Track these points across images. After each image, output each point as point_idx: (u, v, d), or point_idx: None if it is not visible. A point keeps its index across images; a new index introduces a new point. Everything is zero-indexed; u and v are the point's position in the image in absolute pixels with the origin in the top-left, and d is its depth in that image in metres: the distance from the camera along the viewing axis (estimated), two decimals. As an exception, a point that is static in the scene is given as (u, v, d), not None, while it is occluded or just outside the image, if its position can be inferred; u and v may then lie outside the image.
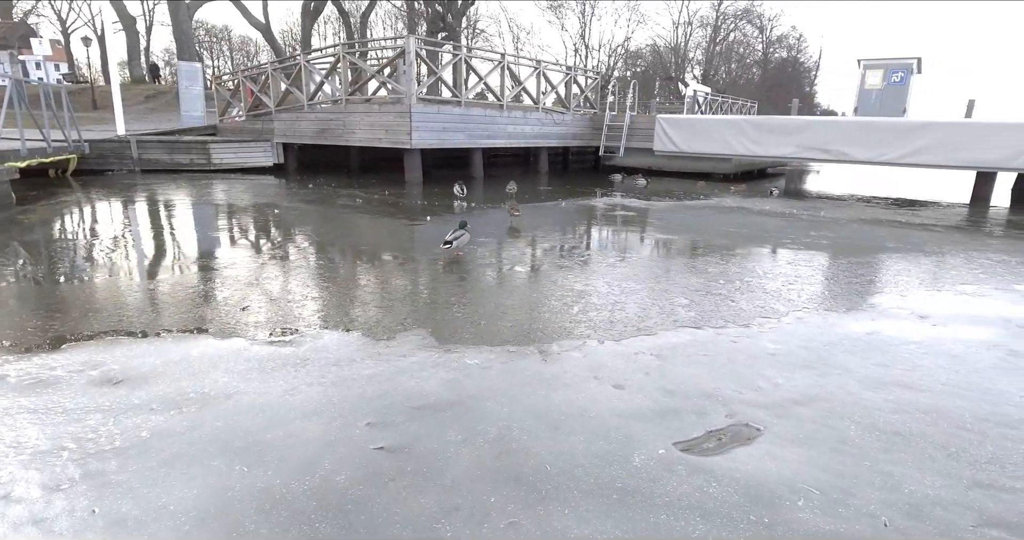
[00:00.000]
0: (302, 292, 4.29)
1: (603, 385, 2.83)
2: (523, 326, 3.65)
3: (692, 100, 23.24)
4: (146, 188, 10.21)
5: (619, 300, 4.26)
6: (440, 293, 4.36)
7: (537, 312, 3.93)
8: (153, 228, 6.83)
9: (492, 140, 13.18)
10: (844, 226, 8.03)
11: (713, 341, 3.49)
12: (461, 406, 2.58)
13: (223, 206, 8.54)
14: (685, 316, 3.93)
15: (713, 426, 2.47)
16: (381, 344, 3.29)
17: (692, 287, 4.66)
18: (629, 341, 3.44)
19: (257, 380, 2.79)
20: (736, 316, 3.97)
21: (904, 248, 6.49)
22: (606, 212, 8.80)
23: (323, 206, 8.71)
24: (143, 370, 2.88)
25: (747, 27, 53.26)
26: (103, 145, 13.01)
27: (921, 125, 11.89)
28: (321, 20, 43.71)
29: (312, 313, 3.81)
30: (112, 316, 3.67)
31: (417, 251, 5.83)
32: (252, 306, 3.92)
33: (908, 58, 14.55)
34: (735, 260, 5.69)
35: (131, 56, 29.26)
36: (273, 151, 14.25)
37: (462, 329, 3.57)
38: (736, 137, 13.72)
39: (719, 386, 2.86)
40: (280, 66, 14.23)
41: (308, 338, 3.35)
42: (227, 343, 3.25)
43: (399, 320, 3.71)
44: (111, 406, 2.51)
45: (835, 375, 3.03)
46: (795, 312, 4.11)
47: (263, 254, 5.54)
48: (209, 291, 4.26)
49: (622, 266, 5.32)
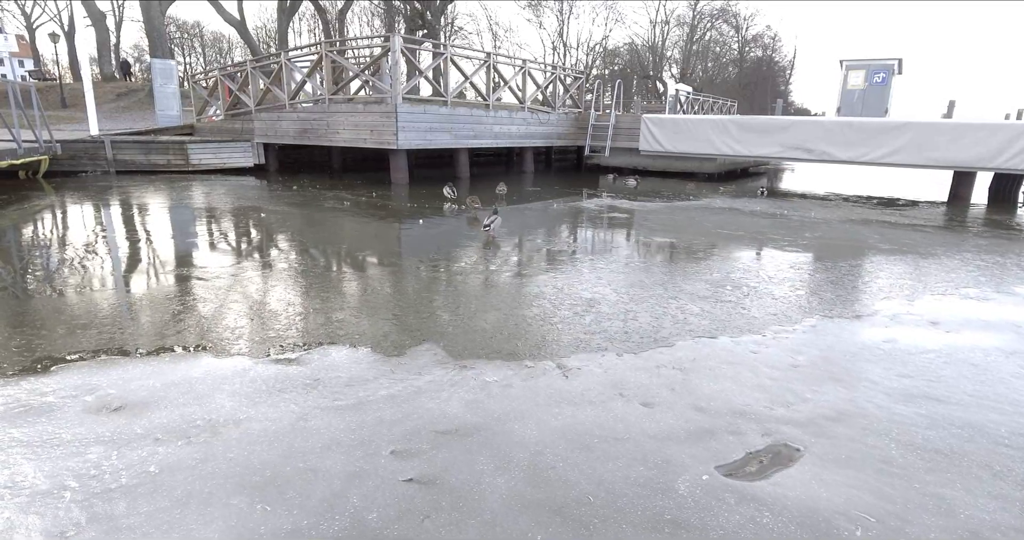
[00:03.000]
0: (301, 303, 4.12)
1: (630, 403, 2.72)
2: (537, 338, 3.53)
3: (674, 99, 23.33)
4: (122, 191, 9.87)
5: (630, 308, 4.16)
6: (445, 302, 4.22)
7: (549, 323, 3.81)
8: (134, 234, 6.56)
9: (478, 140, 13.03)
10: (836, 227, 8.05)
11: (732, 352, 3.41)
12: (487, 430, 2.45)
13: (205, 210, 8.28)
14: (699, 325, 3.85)
15: (752, 447, 2.38)
16: (393, 361, 3.14)
17: (700, 294, 4.58)
18: (648, 353, 3.34)
19: (266, 404, 2.62)
20: (750, 324, 3.90)
21: (900, 250, 6.51)
22: (600, 214, 8.72)
23: (310, 209, 8.49)
24: (142, 394, 2.70)
25: (723, 26, 53.77)
26: (76, 145, 12.58)
27: (902, 125, 12.03)
28: (297, 17, 43.03)
29: (316, 327, 3.64)
30: (102, 333, 3.46)
31: (414, 256, 5.68)
32: (250, 320, 3.74)
33: (889, 59, 14.74)
34: (738, 264, 5.64)
35: (101, 53, 28.45)
36: (254, 151, 13.91)
37: (474, 342, 3.44)
38: (720, 136, 13.76)
39: (749, 402, 2.77)
40: (259, 64, 13.90)
41: (315, 355, 3.19)
42: (229, 362, 3.08)
43: (407, 333, 3.56)
44: (112, 437, 2.33)
45: (863, 388, 2.97)
46: (807, 319, 4.05)
47: (254, 262, 5.34)
48: (202, 304, 4.07)
49: (626, 272, 5.23)
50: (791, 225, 8.08)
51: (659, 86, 48.45)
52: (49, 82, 27.56)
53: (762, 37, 56.11)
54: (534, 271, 5.21)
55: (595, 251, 6.17)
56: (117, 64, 29.13)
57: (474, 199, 8.68)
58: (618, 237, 7.11)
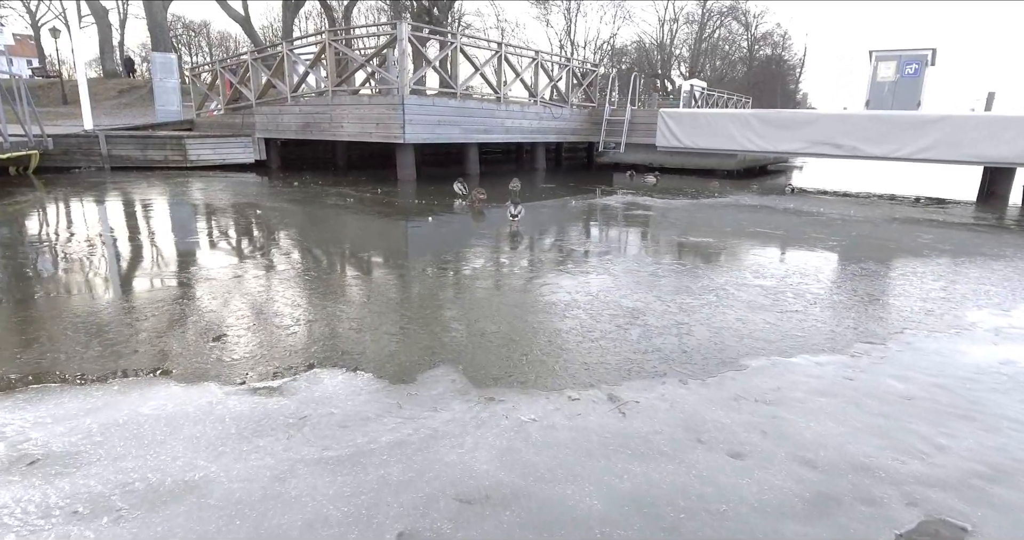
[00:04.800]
0: (291, 314, 3.47)
1: (714, 453, 2.06)
2: (577, 359, 2.87)
3: (688, 95, 22.63)
4: (114, 187, 9.27)
5: (681, 320, 3.49)
6: (461, 313, 3.56)
7: (589, 338, 3.15)
8: (115, 234, 5.93)
9: (489, 135, 12.36)
10: (882, 226, 7.35)
11: (821, 378, 2.74)
12: (529, 497, 1.80)
13: (198, 207, 7.66)
14: (769, 341, 3.19)
15: (901, 526, 1.72)
16: (400, 391, 2.49)
17: (758, 302, 3.91)
18: (717, 380, 2.68)
19: (233, 455, 1.98)
20: (830, 341, 3.23)
21: (963, 251, 5.82)
22: (624, 212, 8.05)
23: (311, 206, 7.86)
24: (73, 439, 2.06)
25: (733, 24, 52.89)
26: (68, 141, 12.01)
27: (938, 119, 11.27)
28: (302, 15, 42.53)
29: (306, 344, 2.99)
30: (43, 352, 2.82)
31: (423, 257, 5.03)
32: (228, 335, 3.10)
33: (922, 49, 13.98)
34: (791, 267, 4.97)
35: (103, 50, 27.91)
36: (254, 147, 13.30)
37: (500, 364, 2.78)
38: (742, 131, 13.03)
39: (869, 452, 2.11)
40: (260, 55, 13.29)
41: (303, 382, 2.54)
42: (195, 393, 2.43)
43: (418, 352, 2.91)
44: (15, 509, 1.69)
45: (1007, 430, 2.30)
46: (895, 335, 3.38)
47: (242, 265, 4.70)
48: (174, 315, 3.43)
49: (666, 276, 4.56)
50: (833, 224, 7.39)
51: (667, 85, 47.71)
52: (52, 79, 27.07)
53: (771, 35, 55.16)
54: (561, 275, 4.54)
55: (626, 252, 5.51)
56: (120, 61, 28.59)
57: (479, 191, 8.16)
58: (648, 237, 6.43)
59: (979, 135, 10.78)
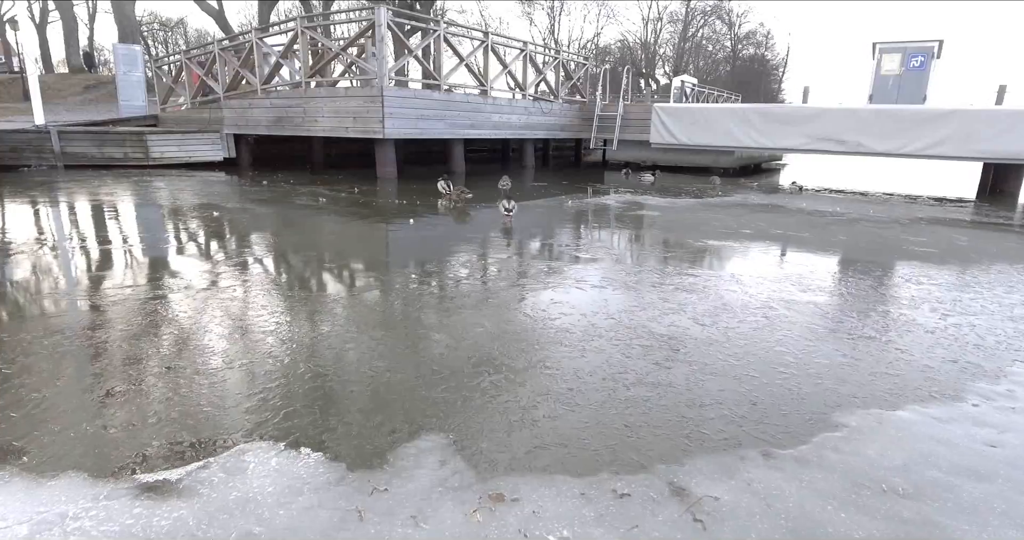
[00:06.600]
0: (224, 352, 2.63)
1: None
2: (615, 424, 2.07)
3: (679, 92, 21.95)
4: (61, 187, 8.31)
5: (731, 352, 2.72)
6: (450, 349, 2.75)
7: (623, 385, 2.35)
8: (35, 241, 5.03)
9: (476, 130, 11.53)
10: (910, 228, 6.66)
11: (953, 444, 1.97)
12: None
13: (150, 208, 6.75)
14: (855, 383, 2.41)
15: None
16: (364, 482, 1.67)
17: (816, 326, 3.15)
18: (814, 451, 1.90)
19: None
20: (931, 382, 2.47)
21: (1020, 257, 5.14)
22: (626, 213, 7.28)
23: (278, 206, 6.99)
24: None
25: (716, 23, 52.54)
26: (16, 136, 11.02)
27: (947, 113, 10.65)
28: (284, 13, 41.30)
29: (234, 404, 2.16)
30: None
31: (402, 269, 4.21)
32: (125, 388, 2.26)
33: (928, 41, 13.39)
34: (833, 278, 4.23)
35: (68, 44, 26.61)
36: (223, 143, 12.33)
37: (508, 434, 1.98)
38: (741, 127, 12.33)
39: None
40: (230, 44, 12.35)
41: (216, 471, 1.71)
42: (46, 494, 1.59)
43: (391, 415, 2.09)
44: None
45: None
46: (1008, 368, 2.63)
47: (173, 282, 3.84)
48: (57, 353, 2.57)
49: (696, 291, 3.78)
50: (859, 226, 6.68)
51: (652, 84, 47.15)
52: (14, 75, 25.74)
53: (755, 34, 54.91)
54: (571, 292, 3.74)
55: (640, 261, 4.73)
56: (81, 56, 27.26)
57: (461, 190, 7.60)
58: (662, 241, 5.66)
59: (992, 130, 10.19)
